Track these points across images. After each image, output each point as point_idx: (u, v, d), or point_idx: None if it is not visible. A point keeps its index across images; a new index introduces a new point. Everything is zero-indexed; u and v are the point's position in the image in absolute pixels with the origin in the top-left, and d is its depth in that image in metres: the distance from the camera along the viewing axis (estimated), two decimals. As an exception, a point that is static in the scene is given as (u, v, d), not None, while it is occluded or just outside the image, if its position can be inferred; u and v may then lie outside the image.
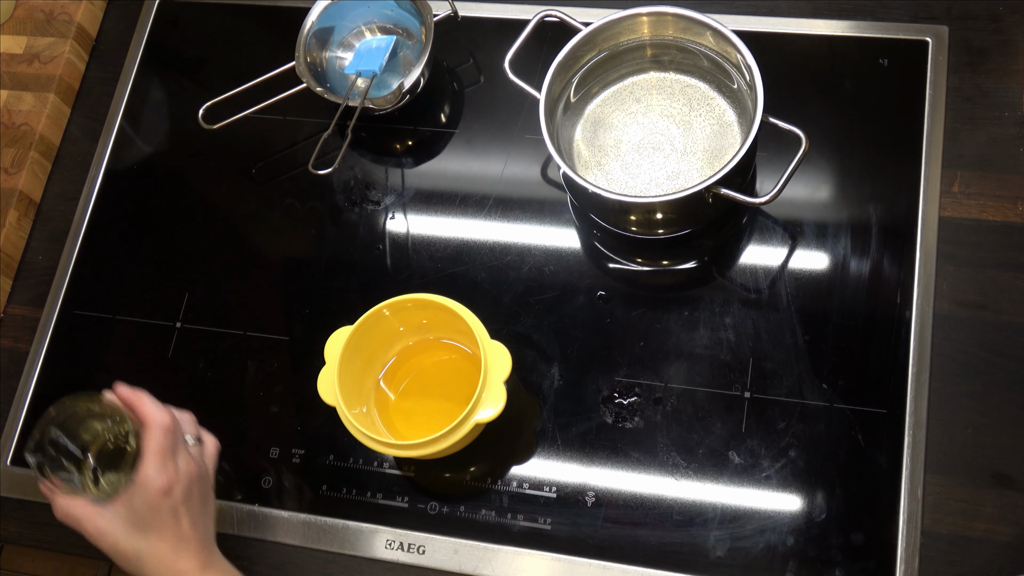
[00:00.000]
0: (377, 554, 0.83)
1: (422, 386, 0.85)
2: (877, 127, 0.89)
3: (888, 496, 0.78)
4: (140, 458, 0.70)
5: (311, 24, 0.96)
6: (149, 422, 0.71)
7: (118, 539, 0.70)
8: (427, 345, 0.86)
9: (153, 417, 0.71)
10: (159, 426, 0.71)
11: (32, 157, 1.00)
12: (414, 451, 0.76)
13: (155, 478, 0.69)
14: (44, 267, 0.99)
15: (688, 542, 0.79)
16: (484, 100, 0.98)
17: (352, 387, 0.80)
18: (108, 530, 0.70)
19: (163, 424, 0.71)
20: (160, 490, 0.69)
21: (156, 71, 1.06)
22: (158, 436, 0.71)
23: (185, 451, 0.73)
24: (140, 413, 0.72)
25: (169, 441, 0.71)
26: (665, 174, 0.86)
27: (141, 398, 0.72)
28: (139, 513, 0.69)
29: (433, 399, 0.85)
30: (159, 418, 0.71)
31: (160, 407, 0.73)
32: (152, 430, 0.71)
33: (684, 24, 0.85)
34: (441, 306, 0.80)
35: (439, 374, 0.85)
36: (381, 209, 0.95)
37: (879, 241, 0.85)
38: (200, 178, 1.01)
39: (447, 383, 0.85)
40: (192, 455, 0.74)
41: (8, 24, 1.07)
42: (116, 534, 0.70)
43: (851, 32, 0.92)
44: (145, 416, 0.71)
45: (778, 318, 0.84)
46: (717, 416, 0.82)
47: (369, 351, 0.83)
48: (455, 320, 0.80)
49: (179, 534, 0.70)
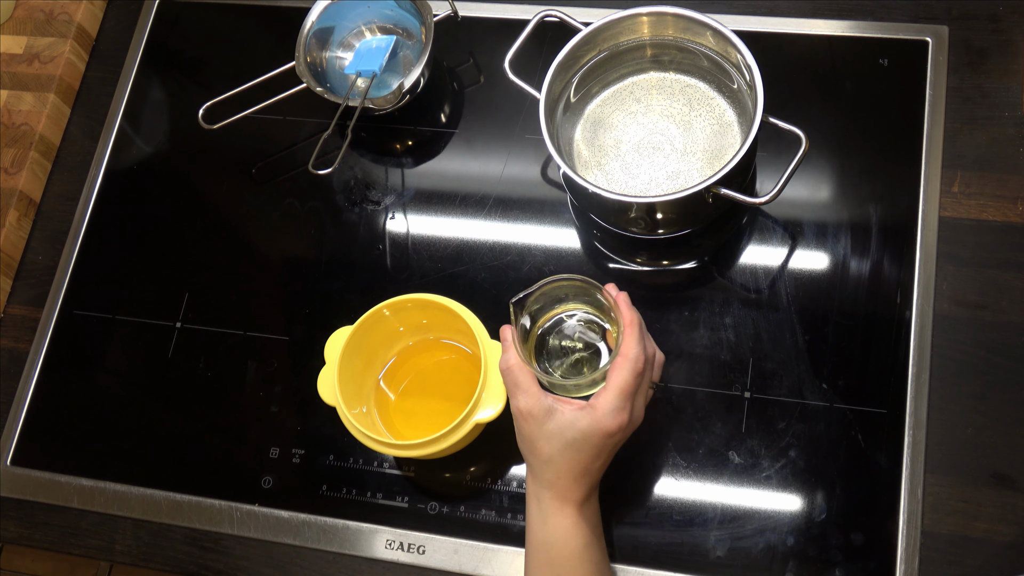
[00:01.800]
0: (377, 554, 0.83)
1: (422, 386, 0.85)
2: (877, 127, 0.89)
3: (888, 496, 0.78)
4: (604, 386, 0.69)
5: (311, 24, 0.96)
6: (628, 356, 0.69)
7: (540, 432, 0.69)
8: (427, 345, 0.86)
9: (633, 353, 0.69)
10: (632, 366, 0.69)
11: (32, 157, 1.00)
12: (414, 451, 0.76)
13: (608, 416, 0.68)
14: (44, 267, 0.99)
15: (688, 542, 0.79)
16: (484, 100, 0.98)
17: (352, 387, 0.80)
18: (537, 417, 0.69)
19: (636, 366, 0.69)
20: (607, 430, 0.68)
21: (156, 71, 1.06)
22: (627, 376, 0.68)
23: (643, 400, 0.72)
24: (625, 340, 0.70)
25: (635, 384, 0.69)
26: (665, 174, 0.86)
27: (633, 323, 0.70)
28: (575, 431, 0.68)
29: (433, 399, 0.85)
30: (636, 358, 0.69)
31: (642, 344, 0.70)
32: (625, 367, 0.69)
33: (684, 24, 0.85)
34: (441, 306, 0.80)
35: (439, 374, 0.86)
36: (381, 209, 0.95)
37: (879, 241, 0.85)
38: (200, 178, 1.01)
39: (447, 383, 0.85)
40: (644, 404, 0.72)
41: (8, 24, 1.07)
42: (543, 427, 0.69)
43: (851, 32, 0.92)
44: (627, 347, 0.69)
45: (778, 318, 0.84)
46: (717, 416, 0.82)
47: (369, 351, 0.83)
48: (455, 320, 0.80)
49: (588, 467, 0.70)
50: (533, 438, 0.70)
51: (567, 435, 0.69)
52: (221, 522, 0.86)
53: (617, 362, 0.69)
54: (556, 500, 0.70)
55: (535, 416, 0.69)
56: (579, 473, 0.70)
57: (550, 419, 0.69)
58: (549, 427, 0.69)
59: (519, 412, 0.70)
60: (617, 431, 0.68)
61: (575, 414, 0.69)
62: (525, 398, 0.69)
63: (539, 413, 0.69)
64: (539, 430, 0.69)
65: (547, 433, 0.69)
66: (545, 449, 0.69)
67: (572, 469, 0.69)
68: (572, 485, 0.70)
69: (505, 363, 0.71)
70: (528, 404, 0.69)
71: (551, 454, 0.69)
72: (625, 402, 0.68)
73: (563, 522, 0.70)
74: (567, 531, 0.70)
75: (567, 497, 0.70)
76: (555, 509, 0.70)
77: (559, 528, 0.70)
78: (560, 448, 0.69)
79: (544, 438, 0.69)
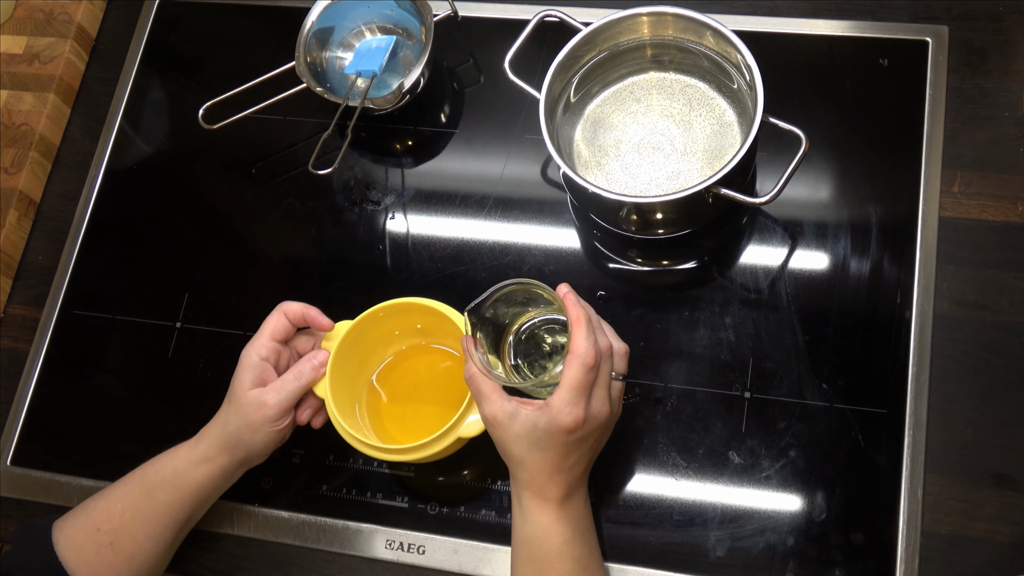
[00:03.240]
0: (377, 554, 0.83)
1: (415, 390, 0.85)
2: (877, 127, 0.89)
3: (888, 496, 0.78)
4: (558, 385, 0.69)
5: (311, 24, 0.96)
6: (576, 352, 0.69)
7: (507, 436, 0.71)
8: (423, 349, 0.86)
9: (579, 350, 0.69)
10: (581, 362, 0.68)
11: (32, 157, 1.00)
12: (395, 456, 0.76)
13: (563, 413, 0.68)
14: (44, 267, 0.99)
15: (688, 542, 0.79)
16: (484, 100, 0.98)
17: (344, 385, 0.80)
18: (502, 422, 0.70)
19: (586, 362, 0.68)
20: (564, 427, 0.68)
21: (156, 71, 1.06)
22: (577, 372, 0.68)
23: (604, 393, 0.71)
24: (572, 337, 0.69)
25: (588, 379, 0.69)
26: (665, 174, 0.86)
27: (580, 320, 0.70)
28: (537, 432, 0.69)
29: (425, 404, 0.84)
30: (584, 353, 0.69)
31: (591, 340, 0.69)
32: (574, 363, 0.69)
33: (684, 24, 0.85)
34: (436, 312, 0.79)
35: (433, 379, 0.85)
36: (381, 209, 0.95)
37: (879, 241, 0.85)
38: (200, 178, 1.01)
39: (441, 388, 0.84)
40: (611, 397, 0.71)
41: (8, 24, 1.07)
42: (509, 431, 0.70)
43: (851, 32, 0.92)
44: (575, 343, 0.69)
45: (778, 318, 0.84)
46: (717, 416, 0.82)
47: (365, 350, 0.83)
48: (450, 326, 0.80)
49: (561, 465, 0.70)
50: (502, 441, 0.71)
51: (531, 436, 0.70)
52: (221, 522, 0.86)
53: (567, 359, 0.69)
54: (535, 498, 0.71)
55: (500, 421, 0.71)
56: (551, 471, 0.71)
57: (514, 422, 0.70)
58: (515, 430, 0.70)
59: (485, 419, 0.72)
60: (574, 426, 0.68)
61: (535, 414, 0.70)
62: (488, 405, 0.71)
63: (503, 418, 0.70)
64: (506, 434, 0.71)
65: (514, 436, 0.70)
66: (515, 451, 0.71)
67: (544, 468, 0.71)
68: (547, 483, 0.71)
69: (467, 372, 0.73)
70: (492, 410, 0.71)
71: (521, 455, 0.71)
72: (578, 397, 0.68)
73: (542, 519, 0.71)
74: (546, 528, 0.71)
75: (545, 495, 0.71)
76: (534, 507, 0.72)
77: (539, 525, 0.71)
78: (527, 449, 0.70)
79: (512, 440, 0.71)
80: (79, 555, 0.76)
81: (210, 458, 0.78)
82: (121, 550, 0.76)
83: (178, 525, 0.79)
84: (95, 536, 0.76)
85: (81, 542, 0.76)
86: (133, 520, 0.77)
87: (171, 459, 0.79)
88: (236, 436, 0.77)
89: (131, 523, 0.77)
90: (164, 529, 0.78)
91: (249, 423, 0.77)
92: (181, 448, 0.79)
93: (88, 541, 0.76)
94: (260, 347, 0.78)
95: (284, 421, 0.78)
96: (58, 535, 0.77)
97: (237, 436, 0.77)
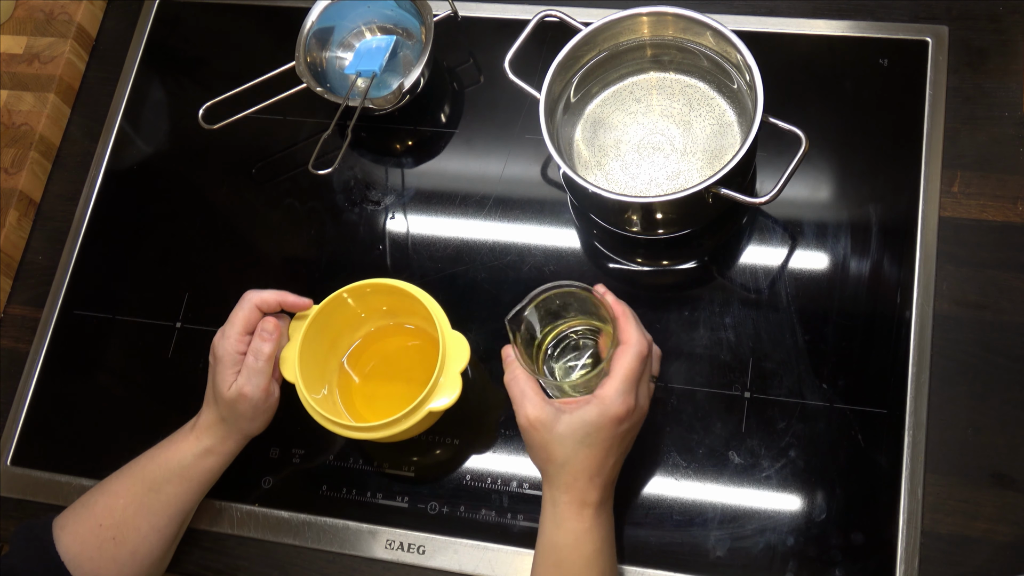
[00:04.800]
0: (377, 554, 0.83)
1: (386, 370, 0.85)
2: (877, 127, 0.89)
3: (888, 496, 0.78)
4: (608, 375, 0.69)
5: (311, 24, 0.96)
6: (629, 342, 0.69)
7: (551, 437, 0.70)
8: (392, 330, 0.86)
9: (634, 339, 0.70)
10: (637, 351, 0.69)
11: (32, 157, 1.00)
12: (365, 434, 0.77)
13: (616, 402, 0.68)
14: (44, 267, 0.99)
15: (688, 542, 0.79)
16: (484, 100, 0.98)
17: (314, 368, 0.81)
18: (546, 423, 0.69)
19: (641, 351, 0.69)
20: (616, 416, 0.68)
21: (156, 71, 1.06)
22: (632, 361, 0.69)
23: (646, 387, 0.72)
24: (621, 330, 0.70)
25: (640, 369, 0.70)
26: (665, 174, 0.86)
27: (626, 314, 0.71)
28: (587, 427, 0.69)
29: (396, 383, 0.85)
30: (639, 343, 0.70)
31: (641, 330, 0.71)
32: (628, 352, 0.69)
33: (684, 24, 0.85)
34: (402, 291, 0.80)
35: (404, 358, 0.86)
36: (381, 209, 0.95)
37: (879, 241, 0.85)
38: (200, 178, 1.01)
39: (412, 368, 0.85)
40: (648, 396, 0.73)
41: (8, 24, 1.07)
42: (552, 431, 0.69)
43: (851, 32, 0.92)
44: (627, 335, 0.70)
45: (778, 318, 0.84)
46: (717, 416, 0.82)
47: (333, 334, 0.83)
48: (416, 305, 0.80)
49: (603, 464, 0.70)
50: (545, 444, 0.70)
51: (578, 433, 0.69)
52: (221, 522, 0.86)
53: (619, 350, 0.70)
54: (573, 504, 0.70)
55: (544, 422, 0.70)
56: (594, 472, 0.70)
57: (558, 422, 0.69)
58: (559, 430, 0.69)
59: (528, 422, 0.70)
60: (626, 416, 0.69)
61: (582, 409, 0.69)
62: (532, 406, 0.70)
63: (547, 418, 0.70)
64: (550, 435, 0.70)
65: (559, 436, 0.69)
66: (559, 452, 0.70)
67: (588, 468, 0.70)
68: (588, 486, 0.70)
69: (511, 375, 0.72)
70: (536, 411, 0.70)
71: (566, 456, 0.70)
72: (630, 387, 0.69)
73: (577, 526, 0.70)
74: (580, 536, 0.70)
75: (584, 500, 0.70)
76: (571, 513, 0.70)
77: (572, 532, 0.70)
78: (574, 448, 0.69)
79: (556, 442, 0.70)
80: (81, 550, 0.76)
81: (216, 450, 0.79)
82: (124, 544, 0.77)
83: (182, 516, 0.79)
84: (97, 531, 0.77)
85: (83, 537, 0.77)
86: (136, 514, 0.77)
87: (174, 452, 0.79)
88: (236, 426, 0.79)
89: (134, 517, 0.77)
90: (169, 521, 0.78)
91: (241, 415, 0.78)
92: (180, 442, 0.80)
93: (90, 536, 0.76)
94: (237, 343, 0.79)
95: (271, 397, 0.79)
96: (59, 531, 0.77)
97: (237, 426, 0.79)
